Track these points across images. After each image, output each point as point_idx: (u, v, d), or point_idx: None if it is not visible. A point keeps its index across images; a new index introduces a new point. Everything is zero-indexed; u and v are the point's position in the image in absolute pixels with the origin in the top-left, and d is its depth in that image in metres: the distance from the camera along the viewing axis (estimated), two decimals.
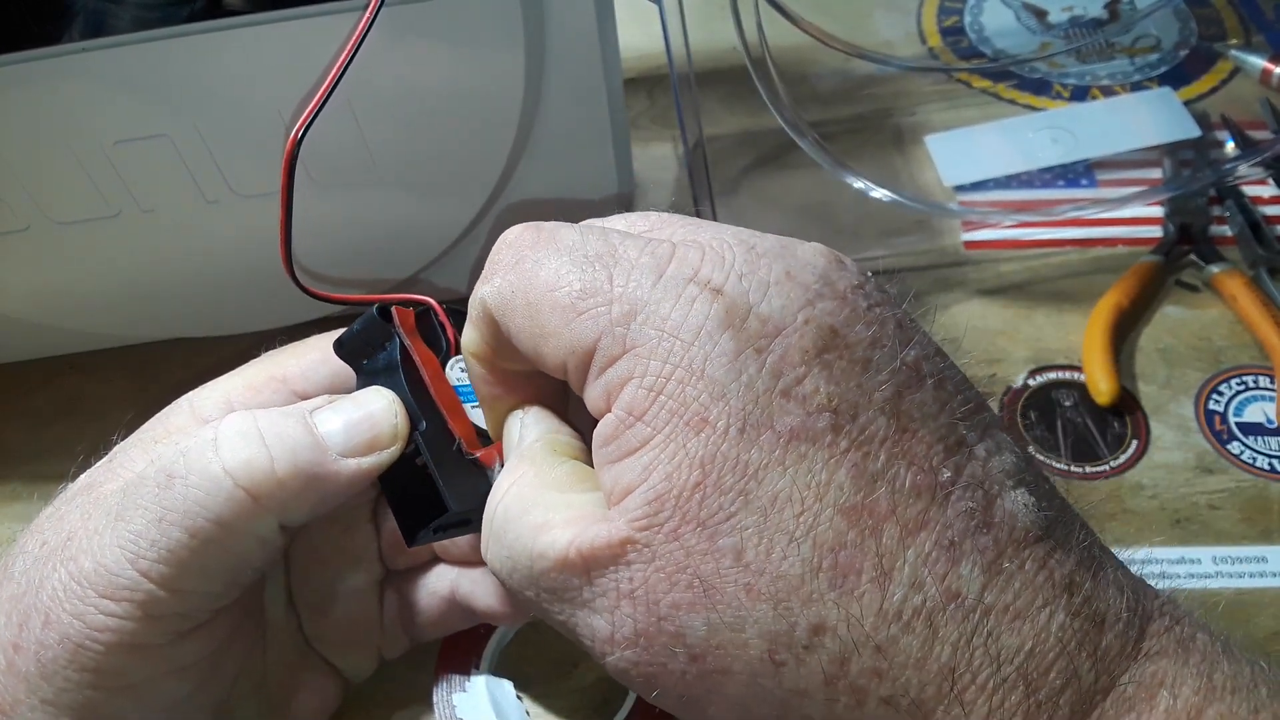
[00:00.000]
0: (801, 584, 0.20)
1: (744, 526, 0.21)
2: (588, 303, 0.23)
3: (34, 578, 0.27)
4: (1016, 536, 0.21)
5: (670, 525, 0.21)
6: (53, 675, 0.26)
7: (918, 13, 0.60)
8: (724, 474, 0.21)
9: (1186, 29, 0.57)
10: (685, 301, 0.22)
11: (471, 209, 0.42)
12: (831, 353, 0.21)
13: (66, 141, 0.37)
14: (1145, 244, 0.47)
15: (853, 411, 0.21)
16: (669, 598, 0.21)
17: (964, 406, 0.22)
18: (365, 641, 0.34)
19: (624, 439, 0.22)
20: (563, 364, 0.23)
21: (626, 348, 0.22)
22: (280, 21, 0.34)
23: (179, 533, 0.26)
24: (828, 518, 0.20)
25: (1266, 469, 0.40)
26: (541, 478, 0.24)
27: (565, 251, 0.23)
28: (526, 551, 0.23)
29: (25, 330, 0.45)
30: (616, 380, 0.22)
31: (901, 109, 0.54)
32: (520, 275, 0.24)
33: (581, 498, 0.23)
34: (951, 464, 0.21)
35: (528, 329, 0.24)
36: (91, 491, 0.28)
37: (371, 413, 0.28)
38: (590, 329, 0.22)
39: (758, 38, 0.44)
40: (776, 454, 0.21)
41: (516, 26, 0.36)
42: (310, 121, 0.30)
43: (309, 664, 0.33)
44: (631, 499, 0.22)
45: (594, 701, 0.36)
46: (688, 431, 0.21)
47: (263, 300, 0.42)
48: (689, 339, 0.21)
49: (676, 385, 0.21)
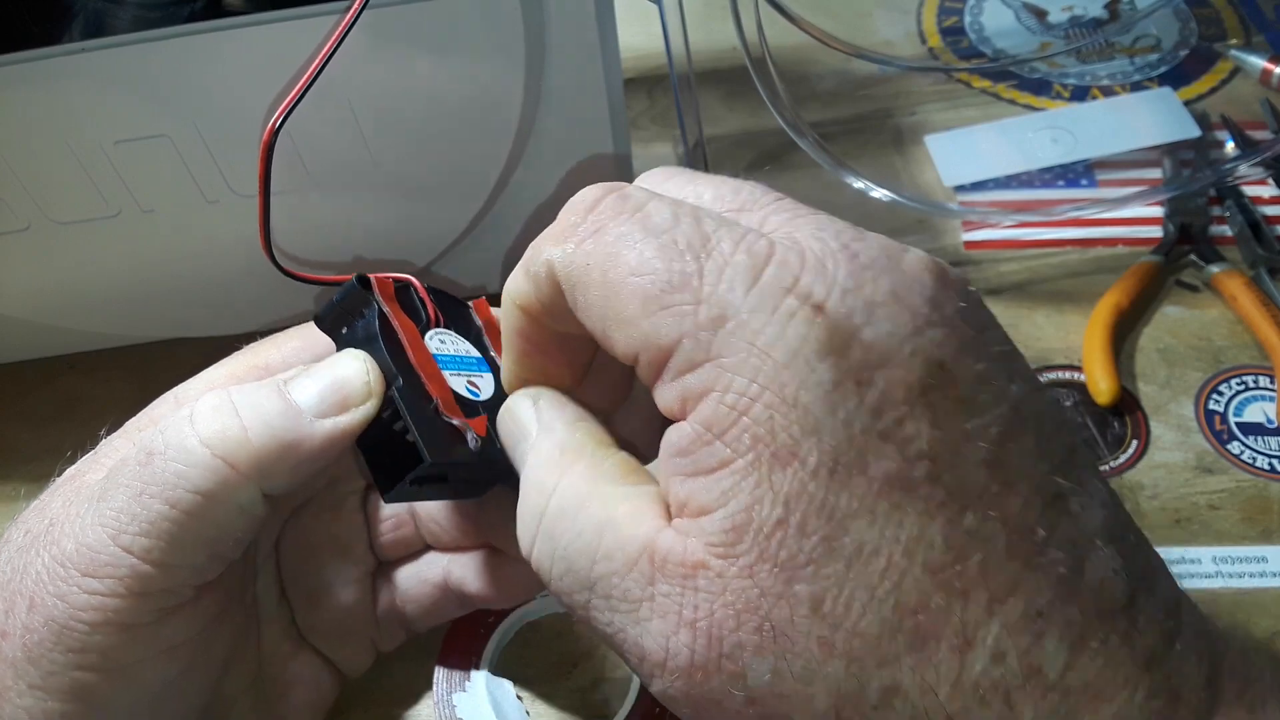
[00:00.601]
0: (879, 644, 0.19)
1: (825, 575, 0.19)
2: (674, 298, 0.20)
3: (18, 565, 0.27)
4: (1103, 607, 0.20)
5: (746, 560, 0.20)
6: (39, 659, 0.26)
7: (918, 13, 0.60)
8: (809, 516, 0.19)
9: (1186, 29, 0.57)
10: (783, 316, 0.20)
11: (472, 209, 0.42)
12: (937, 391, 0.20)
13: (66, 141, 0.37)
14: (1145, 244, 0.47)
15: (952, 459, 0.19)
16: (735, 636, 0.20)
17: (1061, 452, 0.21)
18: (359, 633, 0.34)
19: (700, 455, 0.20)
20: (634, 354, 0.21)
21: (711, 355, 0.20)
22: (280, 21, 0.34)
23: (160, 505, 0.26)
24: (915, 576, 0.19)
25: (1266, 469, 0.40)
26: (595, 469, 0.23)
27: (654, 233, 0.21)
28: (587, 551, 0.22)
29: (25, 330, 0.45)
30: (696, 389, 0.20)
31: (901, 109, 0.54)
32: (600, 248, 0.22)
33: (640, 490, 0.22)
34: (1047, 522, 0.20)
35: (600, 308, 0.22)
36: (74, 481, 0.29)
37: (343, 374, 0.27)
38: (673, 327, 0.20)
39: (758, 38, 0.44)
40: (867, 502, 0.19)
41: (516, 27, 0.36)
42: (288, 112, 0.30)
43: (303, 658, 0.33)
44: (708, 521, 0.20)
45: (594, 701, 0.36)
46: (774, 463, 0.19)
47: (263, 300, 0.42)
48: (783, 359, 0.20)
49: (764, 410, 0.20)
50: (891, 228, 0.48)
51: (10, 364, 0.48)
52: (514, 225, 0.43)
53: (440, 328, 0.31)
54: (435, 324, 0.31)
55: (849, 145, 0.52)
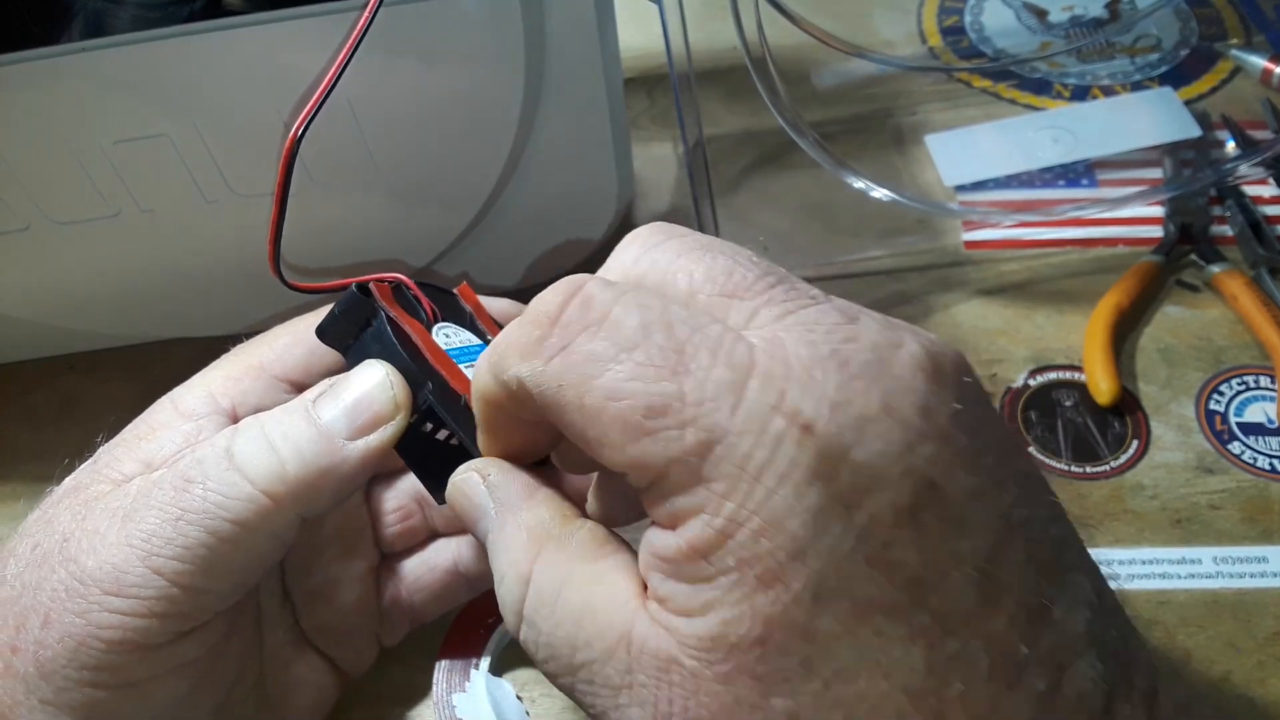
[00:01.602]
0: None
1: (801, 693, 0.19)
2: (657, 423, 0.20)
3: (29, 580, 0.27)
4: (1080, 718, 0.20)
5: (723, 669, 0.20)
6: (51, 675, 0.26)
7: (918, 12, 0.60)
8: (790, 638, 0.19)
9: (1187, 29, 0.57)
10: (771, 440, 0.19)
11: (472, 209, 0.42)
12: (927, 512, 0.19)
13: (66, 141, 0.37)
14: (1146, 244, 0.47)
15: (939, 583, 0.19)
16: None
17: (1050, 552, 0.20)
18: (363, 629, 0.34)
19: (684, 569, 0.20)
20: (624, 472, 0.21)
21: (701, 479, 0.20)
22: (280, 21, 0.34)
23: (197, 531, 0.26)
24: (894, 700, 0.19)
25: (1267, 469, 0.40)
26: (564, 551, 0.23)
27: (625, 348, 0.20)
28: (568, 640, 0.22)
29: (25, 330, 0.45)
30: (685, 509, 0.20)
31: (901, 109, 0.54)
32: (571, 369, 0.21)
33: (612, 567, 0.22)
34: (1030, 637, 0.19)
35: (581, 430, 0.21)
36: (79, 493, 0.28)
37: (369, 391, 0.28)
38: (660, 454, 0.20)
39: (758, 38, 0.44)
40: (850, 625, 0.19)
41: (516, 27, 0.36)
42: (309, 120, 0.30)
43: (305, 659, 0.33)
44: (686, 624, 0.20)
45: None
46: (757, 585, 0.19)
47: (262, 299, 0.42)
48: (772, 485, 0.19)
49: (750, 535, 0.19)
50: (891, 228, 0.49)
51: (10, 364, 0.48)
52: (514, 225, 0.43)
53: (441, 322, 0.31)
54: (436, 319, 0.31)
55: (849, 145, 0.52)
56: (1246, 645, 0.35)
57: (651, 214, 0.52)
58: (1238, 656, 0.35)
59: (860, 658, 0.19)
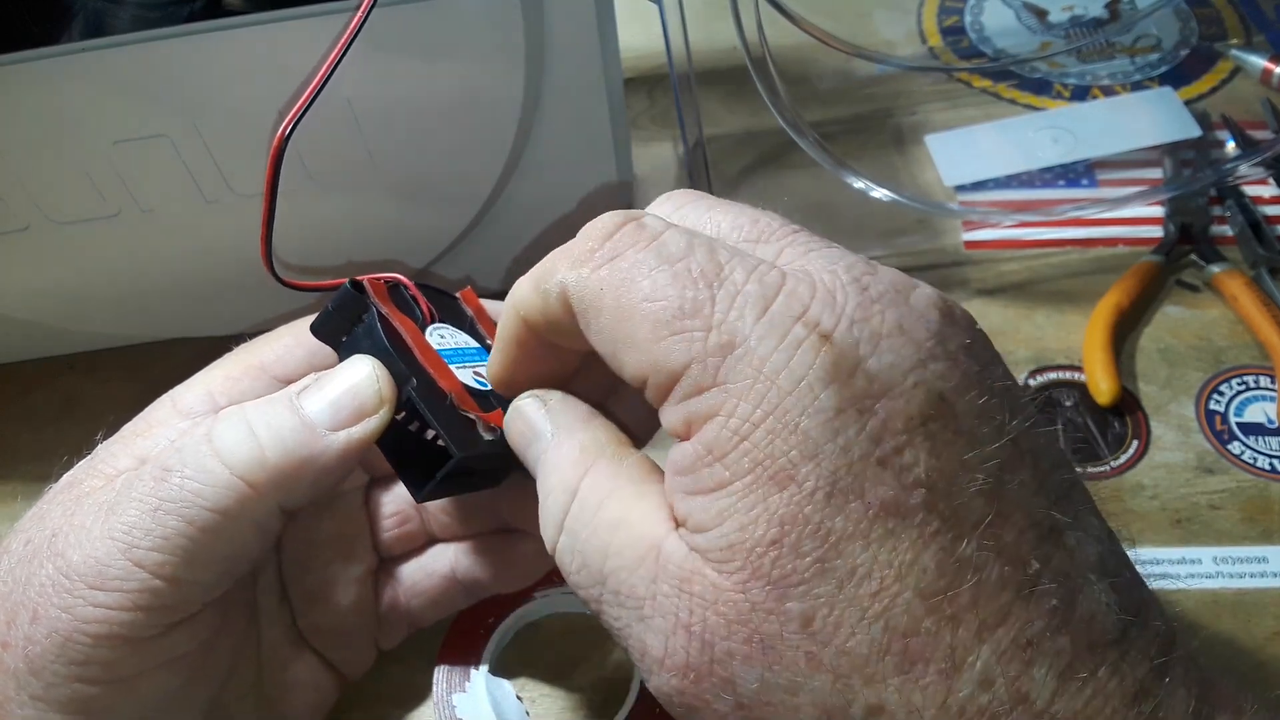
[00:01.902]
0: (866, 663, 0.19)
1: (816, 594, 0.20)
2: (685, 324, 0.21)
3: (20, 575, 0.27)
4: (1094, 639, 0.20)
5: (739, 577, 0.20)
6: (41, 670, 0.26)
7: (918, 12, 0.60)
8: (803, 538, 0.20)
9: (1187, 29, 0.57)
10: (790, 344, 0.20)
11: (472, 209, 0.42)
12: (937, 422, 0.20)
13: (66, 141, 0.37)
14: (1146, 244, 0.47)
15: (949, 490, 0.20)
16: (726, 644, 0.20)
17: (1059, 487, 0.21)
18: (361, 632, 0.34)
19: (701, 475, 0.21)
20: (643, 377, 0.22)
21: (717, 381, 0.21)
22: (280, 21, 0.34)
23: (176, 521, 0.26)
24: (905, 601, 0.19)
25: (1267, 469, 0.40)
26: (615, 469, 0.24)
27: (668, 261, 0.22)
28: (601, 547, 0.22)
29: (25, 330, 0.45)
30: (701, 412, 0.21)
31: (901, 109, 0.54)
32: (615, 274, 0.22)
33: (655, 492, 0.23)
34: (1041, 554, 0.20)
35: (611, 332, 0.22)
36: (73, 489, 0.29)
37: (354, 384, 0.28)
38: (682, 352, 0.21)
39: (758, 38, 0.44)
40: (862, 526, 0.20)
41: (516, 27, 0.36)
42: (298, 119, 0.30)
43: (304, 660, 0.33)
44: (704, 538, 0.21)
45: (594, 702, 0.36)
46: (771, 486, 0.20)
47: (262, 299, 0.42)
48: (788, 387, 0.20)
49: (765, 435, 0.20)
50: (891, 228, 0.49)
51: (10, 364, 0.48)
52: (514, 225, 0.43)
53: (436, 322, 0.31)
54: (431, 320, 0.31)
55: (849, 145, 0.52)
56: (1247, 645, 0.35)
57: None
58: (1238, 656, 0.35)
59: (873, 558, 0.19)
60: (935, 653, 0.19)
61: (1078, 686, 0.19)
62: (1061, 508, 0.21)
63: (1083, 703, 0.19)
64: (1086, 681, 0.19)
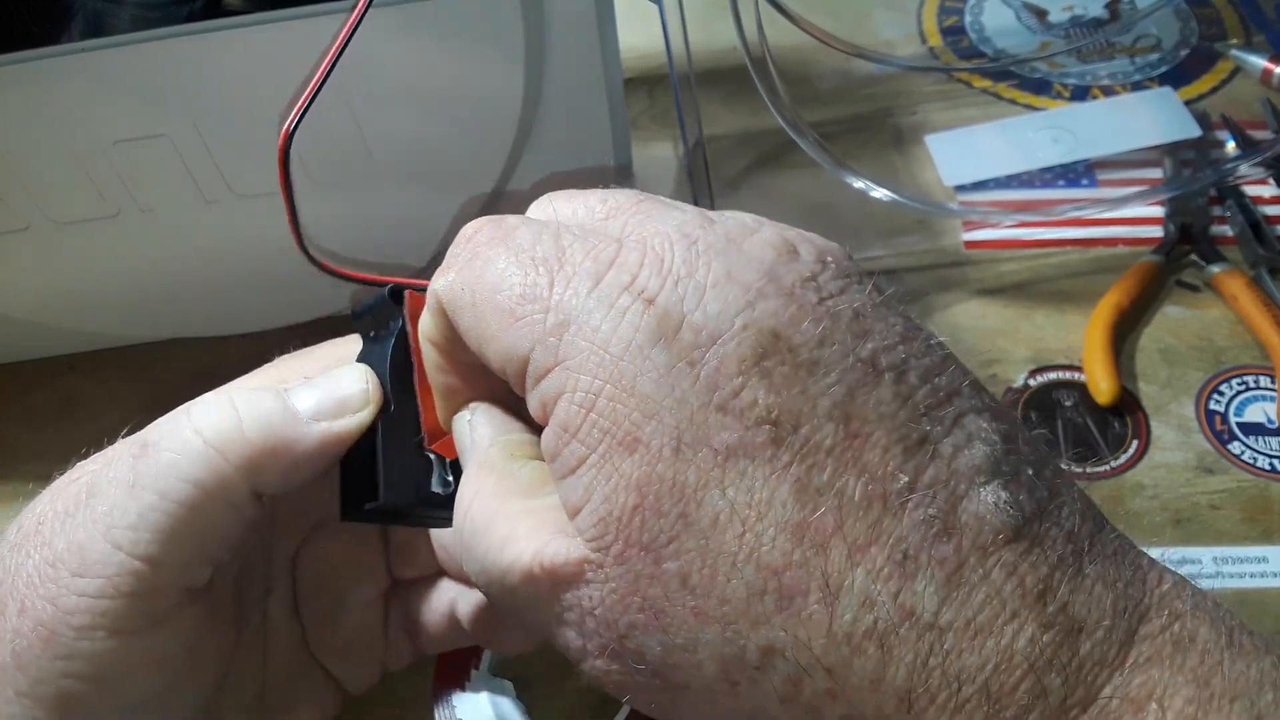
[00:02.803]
0: (748, 607, 0.20)
1: (686, 550, 0.20)
2: (525, 309, 0.22)
3: (10, 565, 0.26)
4: (983, 542, 0.20)
5: (616, 549, 0.21)
6: (27, 665, 0.25)
7: (918, 12, 0.60)
8: (661, 497, 0.20)
9: (1187, 29, 0.57)
10: (616, 313, 0.21)
11: (472, 209, 0.42)
12: (772, 358, 0.20)
13: (66, 141, 0.37)
14: (1146, 244, 0.47)
15: (795, 421, 0.20)
16: (625, 619, 0.21)
17: (930, 398, 0.21)
18: (369, 652, 0.34)
19: (563, 456, 0.21)
20: (503, 369, 0.23)
21: (558, 360, 0.21)
22: (280, 21, 0.34)
23: (151, 495, 0.25)
24: (770, 538, 0.20)
25: (1267, 469, 0.40)
26: (503, 485, 0.24)
27: (515, 252, 0.23)
28: (496, 565, 0.23)
29: (25, 330, 0.45)
30: (550, 393, 0.22)
31: (901, 109, 0.54)
32: (471, 272, 0.23)
33: (545, 503, 0.23)
34: (910, 467, 0.20)
35: (473, 329, 0.23)
36: (67, 478, 0.28)
37: (344, 385, 0.28)
38: (525, 337, 0.22)
39: (758, 38, 0.44)
40: (715, 473, 0.20)
41: (517, 27, 0.36)
42: (303, 113, 0.29)
43: (310, 675, 0.33)
44: (580, 519, 0.21)
45: (594, 702, 0.36)
46: (621, 452, 0.21)
47: (262, 299, 0.42)
48: (618, 353, 0.21)
49: (607, 402, 0.21)
50: (891, 228, 0.49)
51: (10, 364, 0.48)
52: None
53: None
54: None
55: (849, 145, 0.52)
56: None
57: None
58: None
59: (731, 502, 0.20)
60: (810, 583, 0.20)
61: (966, 592, 0.19)
62: (935, 417, 0.21)
63: (974, 609, 0.19)
64: (977, 586, 0.19)
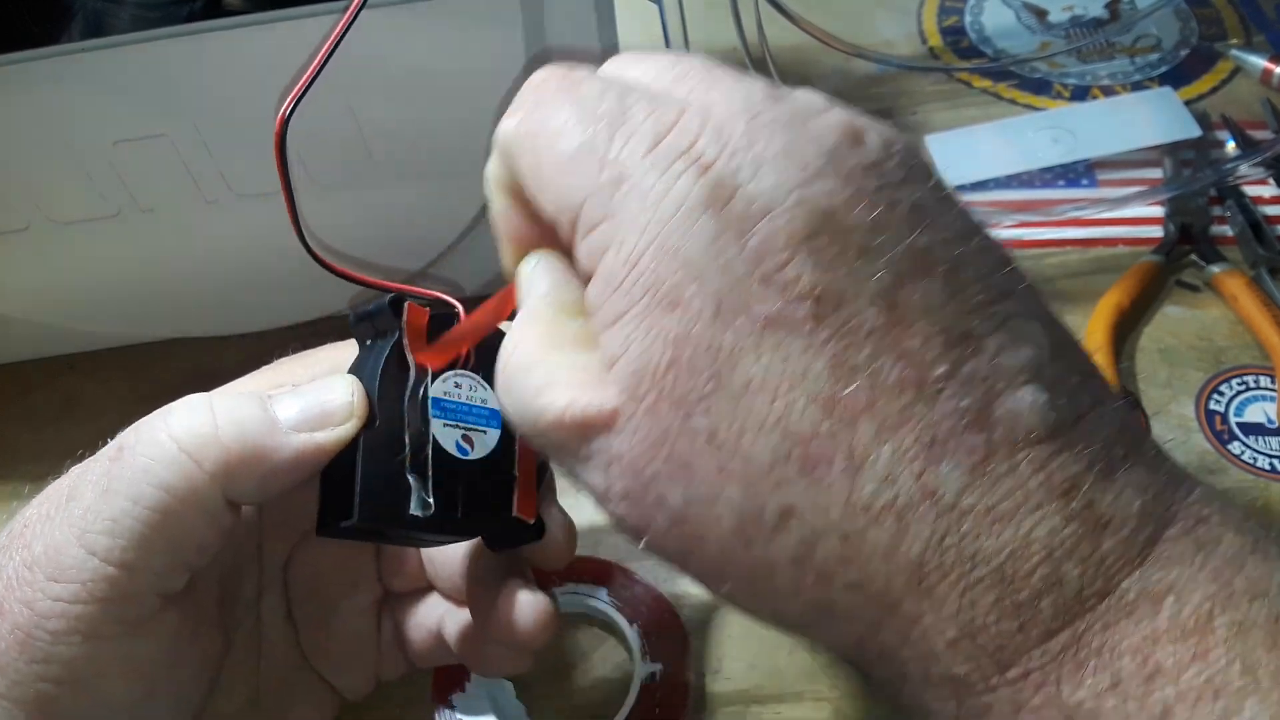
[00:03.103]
0: (771, 469, 0.20)
1: (716, 409, 0.21)
2: (582, 161, 0.22)
3: None
4: (1014, 437, 0.20)
5: (649, 400, 0.21)
6: (5, 668, 0.25)
7: (918, 13, 0.60)
8: (697, 355, 0.21)
9: (1187, 29, 0.57)
10: (671, 176, 0.21)
11: (471, 210, 0.42)
12: (822, 238, 0.21)
13: (66, 141, 0.37)
14: (1146, 244, 0.47)
15: (837, 301, 0.20)
16: (650, 468, 0.21)
17: (981, 295, 0.21)
18: (363, 661, 0.34)
19: (606, 308, 0.22)
20: (555, 218, 0.23)
21: (608, 215, 0.22)
22: (280, 21, 0.34)
23: (124, 501, 0.25)
24: (800, 407, 0.20)
25: (1267, 469, 0.40)
26: (548, 337, 0.24)
27: (579, 104, 0.23)
28: (530, 408, 0.23)
29: (25, 330, 0.45)
30: (598, 246, 0.22)
31: (901, 109, 0.54)
32: (534, 119, 0.24)
33: (586, 358, 0.23)
34: (950, 358, 0.20)
35: (531, 175, 0.24)
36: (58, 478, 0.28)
37: (329, 397, 0.27)
38: (579, 188, 0.22)
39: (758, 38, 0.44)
40: (751, 340, 0.20)
41: (516, 27, 0.36)
42: (299, 99, 0.29)
43: (305, 680, 0.33)
44: (616, 369, 0.22)
45: (594, 701, 0.36)
46: (661, 310, 0.21)
47: (262, 300, 0.42)
48: (667, 215, 0.21)
49: (651, 261, 0.21)
50: None
51: (10, 364, 0.48)
52: None
53: (466, 370, 0.30)
54: (464, 364, 0.30)
55: None
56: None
57: None
58: None
59: (765, 370, 0.20)
60: (835, 454, 0.20)
61: (990, 481, 0.20)
62: (983, 315, 0.21)
63: (998, 496, 0.20)
64: (1003, 477, 0.20)
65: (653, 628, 0.36)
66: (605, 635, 0.38)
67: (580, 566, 0.38)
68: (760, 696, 0.36)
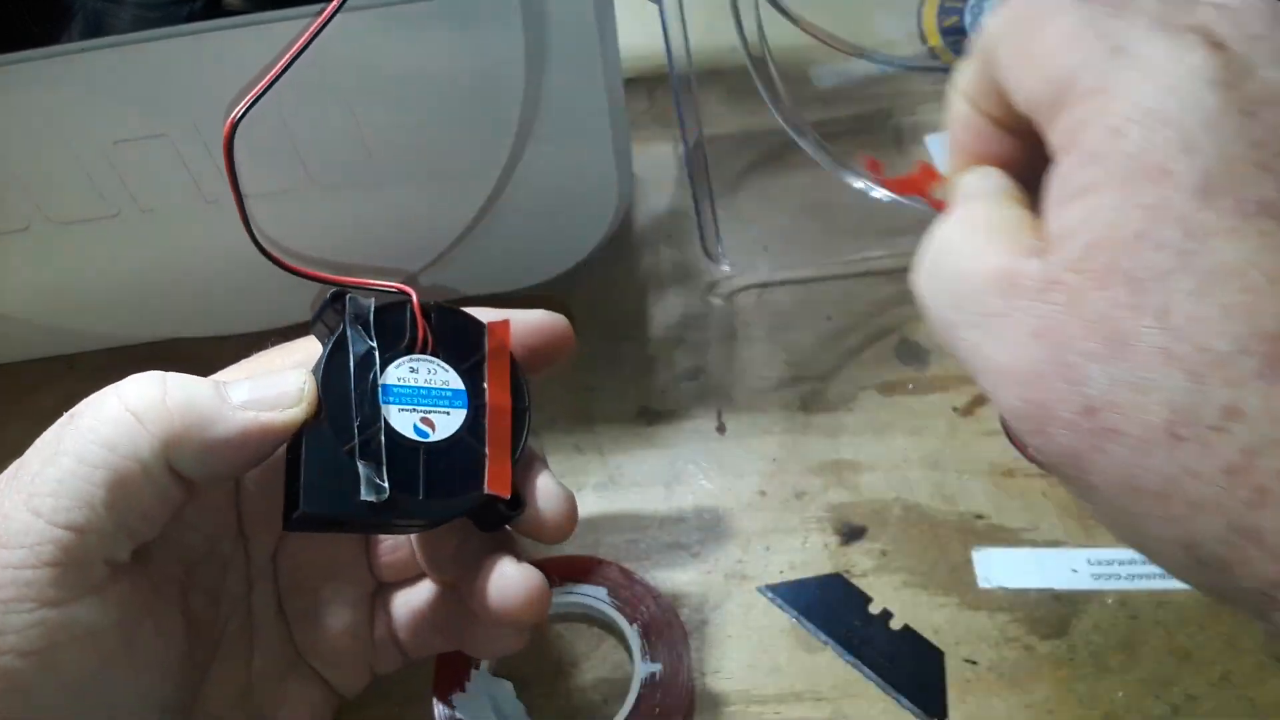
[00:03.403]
0: (1225, 362, 0.18)
1: (1176, 288, 0.19)
2: (1078, 35, 0.22)
3: None
4: None
5: (1101, 274, 0.20)
6: None
7: (918, 12, 0.60)
8: (1169, 229, 0.19)
9: None
10: (1178, 47, 0.20)
11: (470, 210, 0.42)
12: None
13: (66, 141, 0.37)
14: None
15: None
16: (1079, 345, 0.20)
17: None
18: (356, 655, 0.34)
19: (1077, 180, 0.21)
20: (1034, 97, 0.22)
21: (1101, 85, 0.21)
22: (280, 21, 0.34)
23: (69, 460, 0.26)
24: (1274, 302, 0.18)
25: None
26: (990, 216, 0.24)
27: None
28: (954, 271, 0.23)
29: (25, 330, 0.45)
30: (1083, 118, 0.21)
31: (901, 109, 0.54)
32: (1028, 4, 0.23)
33: (1024, 240, 0.23)
34: None
35: (1014, 60, 0.23)
36: None
37: (280, 382, 0.28)
38: (1072, 60, 0.21)
39: (758, 38, 0.44)
40: (1234, 222, 0.19)
41: (516, 27, 0.36)
42: (250, 105, 0.29)
43: (299, 675, 0.33)
44: (1069, 242, 0.21)
45: (594, 701, 0.36)
46: (1143, 180, 0.20)
47: (262, 300, 0.42)
48: (1169, 84, 0.20)
49: (1142, 130, 0.20)
50: (891, 228, 0.49)
51: (10, 364, 0.48)
52: (513, 226, 0.43)
53: (424, 354, 0.30)
54: (421, 348, 0.30)
55: (849, 145, 0.52)
56: (1246, 645, 0.35)
57: (651, 214, 0.52)
58: (1238, 656, 0.35)
59: (1241, 256, 0.19)
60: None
61: None
62: None
63: None
64: None
65: (653, 628, 0.36)
66: (605, 635, 0.38)
67: (580, 566, 0.38)
68: (760, 696, 0.36)
